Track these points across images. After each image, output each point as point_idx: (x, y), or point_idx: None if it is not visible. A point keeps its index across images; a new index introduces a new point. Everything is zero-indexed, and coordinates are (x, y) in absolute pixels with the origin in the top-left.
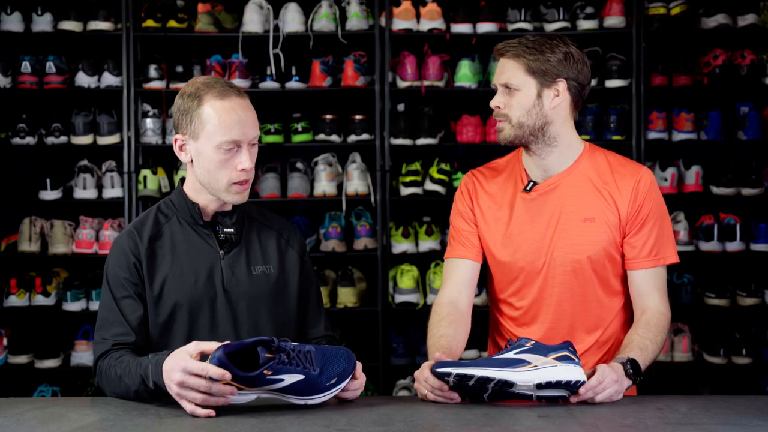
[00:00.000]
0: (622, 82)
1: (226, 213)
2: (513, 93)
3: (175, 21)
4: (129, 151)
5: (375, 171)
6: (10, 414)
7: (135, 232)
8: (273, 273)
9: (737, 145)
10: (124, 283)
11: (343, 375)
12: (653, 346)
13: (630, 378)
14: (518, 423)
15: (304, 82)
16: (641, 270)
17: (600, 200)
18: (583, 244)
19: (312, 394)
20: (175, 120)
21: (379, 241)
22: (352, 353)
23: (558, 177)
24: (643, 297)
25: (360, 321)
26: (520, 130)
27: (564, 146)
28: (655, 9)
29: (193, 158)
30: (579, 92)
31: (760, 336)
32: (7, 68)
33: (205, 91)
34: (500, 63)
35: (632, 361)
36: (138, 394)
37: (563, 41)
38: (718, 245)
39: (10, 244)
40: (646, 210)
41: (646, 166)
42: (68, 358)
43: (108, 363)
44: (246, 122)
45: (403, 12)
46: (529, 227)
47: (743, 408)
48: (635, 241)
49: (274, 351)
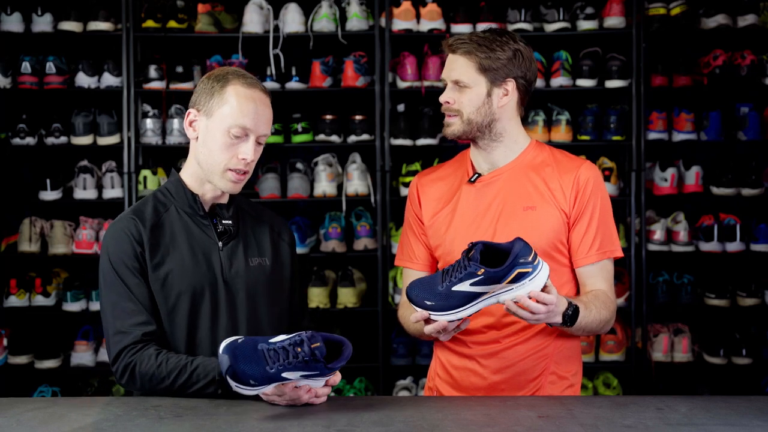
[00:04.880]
0: (622, 83)
1: (223, 205)
2: (463, 90)
3: (175, 21)
4: (129, 152)
5: (375, 171)
6: (10, 414)
7: (136, 219)
8: (268, 265)
9: (737, 146)
10: (132, 270)
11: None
12: (596, 314)
13: (563, 320)
14: (518, 423)
15: (304, 83)
16: (588, 265)
17: (543, 190)
18: (526, 232)
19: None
20: (195, 96)
21: (379, 242)
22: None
23: (502, 169)
24: (592, 286)
25: (360, 321)
26: (468, 126)
27: (510, 141)
28: (655, 9)
29: (200, 136)
30: (526, 89)
31: (760, 336)
32: (7, 68)
33: (233, 76)
34: (451, 58)
35: (576, 309)
36: (198, 390)
37: (512, 38)
38: (718, 245)
39: (10, 245)
40: (586, 201)
41: (590, 161)
42: (68, 359)
43: (142, 359)
44: (261, 116)
45: (403, 12)
46: (472, 215)
47: (743, 408)
48: (579, 234)
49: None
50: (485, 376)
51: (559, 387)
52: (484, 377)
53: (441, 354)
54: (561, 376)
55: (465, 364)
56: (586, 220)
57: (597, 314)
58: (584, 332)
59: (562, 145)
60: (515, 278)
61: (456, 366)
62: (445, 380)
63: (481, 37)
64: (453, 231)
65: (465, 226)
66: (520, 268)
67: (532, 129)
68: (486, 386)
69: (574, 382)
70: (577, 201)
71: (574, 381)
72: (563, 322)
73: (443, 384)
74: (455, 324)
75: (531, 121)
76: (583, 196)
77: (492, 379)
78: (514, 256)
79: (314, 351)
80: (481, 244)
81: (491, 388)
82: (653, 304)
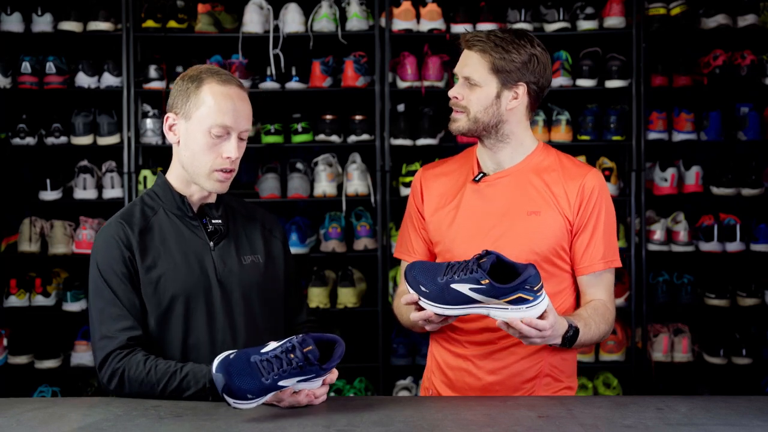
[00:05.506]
0: (622, 83)
1: (212, 205)
2: (473, 88)
3: (175, 21)
4: (129, 152)
5: (375, 171)
6: (10, 414)
7: (124, 223)
8: (261, 262)
9: (737, 146)
10: (119, 276)
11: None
12: (595, 330)
13: (563, 342)
14: (518, 423)
15: (304, 83)
16: (591, 274)
17: (547, 195)
18: (528, 237)
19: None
20: (171, 100)
21: (380, 242)
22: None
23: (507, 170)
24: (593, 296)
25: (360, 321)
26: (474, 125)
27: (516, 143)
28: (655, 9)
29: (181, 139)
30: (538, 95)
31: (760, 336)
32: (7, 68)
33: (207, 75)
34: (465, 54)
35: (576, 330)
36: (189, 397)
37: (530, 41)
38: (718, 245)
39: (10, 245)
40: (590, 210)
41: (596, 169)
42: (68, 359)
43: (130, 365)
44: (241, 112)
45: (403, 12)
46: (475, 216)
47: (743, 408)
48: (583, 243)
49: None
50: (480, 376)
51: (554, 389)
52: (479, 378)
53: (437, 353)
54: (556, 378)
55: (460, 364)
56: (590, 229)
57: (596, 329)
58: (582, 346)
59: (561, 145)
60: (514, 301)
61: (451, 366)
62: (441, 380)
63: (499, 37)
64: (455, 229)
65: (467, 225)
66: (523, 294)
67: (532, 129)
68: (481, 387)
69: (569, 385)
70: (581, 209)
71: (570, 383)
72: (562, 343)
73: (438, 384)
74: (441, 318)
75: (531, 121)
76: (588, 204)
77: (487, 379)
78: (522, 281)
79: (307, 355)
80: (495, 257)
81: (486, 388)
82: (653, 304)
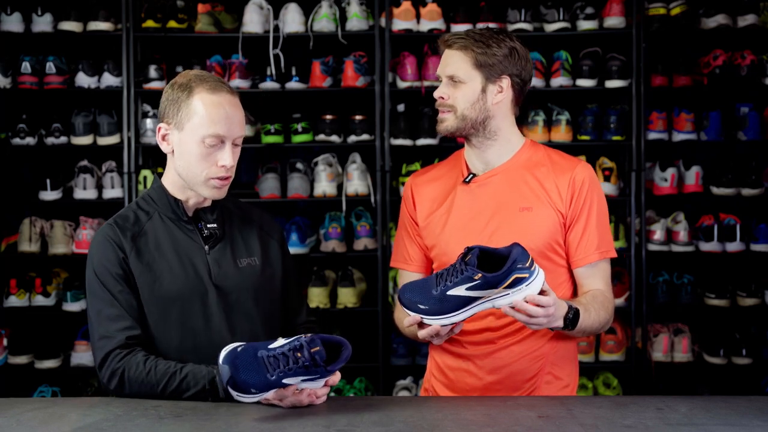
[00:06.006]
0: (622, 83)
1: (207, 209)
2: (458, 86)
3: (175, 21)
4: (129, 152)
5: (375, 171)
6: (10, 414)
7: (117, 227)
8: (258, 265)
9: (737, 146)
10: (115, 277)
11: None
12: (595, 316)
13: (564, 324)
14: (518, 423)
15: (304, 83)
16: (587, 266)
17: (538, 191)
18: (522, 233)
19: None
20: (162, 109)
21: (380, 242)
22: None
23: (497, 169)
24: (590, 286)
25: (360, 321)
26: (462, 123)
27: (503, 140)
28: (655, 9)
29: (175, 149)
30: (521, 88)
31: (760, 336)
32: (7, 68)
33: (196, 83)
34: (446, 54)
35: (576, 312)
36: (189, 398)
37: (508, 36)
38: (718, 245)
39: (10, 245)
40: (582, 202)
41: (585, 162)
42: (68, 359)
43: (130, 365)
44: (233, 119)
45: (403, 12)
46: (468, 216)
47: (743, 408)
48: (576, 235)
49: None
50: (480, 376)
51: (554, 387)
52: (480, 378)
53: (436, 354)
54: (556, 376)
55: (460, 364)
56: (584, 221)
57: (596, 315)
58: (584, 334)
59: (562, 145)
60: (512, 284)
61: (451, 366)
62: (441, 380)
63: (478, 33)
64: (448, 232)
65: (460, 226)
66: (518, 273)
67: (532, 129)
68: (481, 387)
69: (569, 383)
70: (573, 202)
71: (570, 382)
72: (564, 325)
73: (438, 384)
74: (448, 328)
75: (531, 121)
76: (579, 196)
77: (487, 379)
78: (512, 262)
79: (314, 356)
80: (478, 249)
81: (486, 388)
82: (653, 304)
